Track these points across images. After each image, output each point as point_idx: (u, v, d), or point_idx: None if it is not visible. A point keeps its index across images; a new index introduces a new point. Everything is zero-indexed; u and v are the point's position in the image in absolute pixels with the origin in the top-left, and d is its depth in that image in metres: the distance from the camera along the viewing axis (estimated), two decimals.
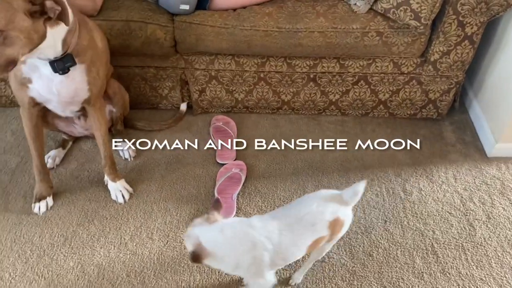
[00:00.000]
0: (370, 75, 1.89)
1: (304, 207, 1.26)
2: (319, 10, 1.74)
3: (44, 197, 1.64)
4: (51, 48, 1.23)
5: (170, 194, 1.71)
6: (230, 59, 1.87)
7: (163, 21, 1.74)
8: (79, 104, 1.48)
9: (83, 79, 1.37)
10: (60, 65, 1.28)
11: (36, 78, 1.34)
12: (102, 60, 1.46)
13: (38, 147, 1.58)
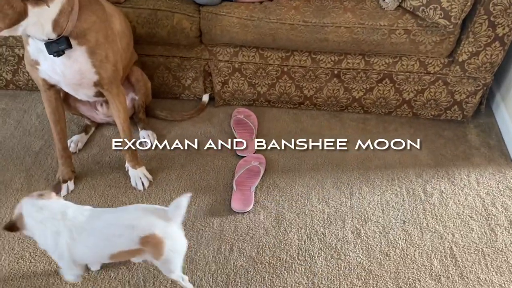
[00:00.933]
0: (395, 74, 1.87)
1: (120, 216, 1.26)
2: (346, 5, 1.72)
3: (65, 180, 1.66)
4: (37, 28, 1.22)
5: (189, 184, 1.72)
6: (255, 52, 1.87)
7: (190, 11, 1.75)
8: (90, 86, 1.47)
9: (86, 61, 1.36)
10: (54, 47, 1.27)
11: (42, 59, 1.36)
12: (115, 44, 1.45)
13: (60, 131, 1.61)
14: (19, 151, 1.81)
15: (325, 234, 1.56)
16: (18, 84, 2.06)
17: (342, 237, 1.55)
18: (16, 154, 1.79)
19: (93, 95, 1.56)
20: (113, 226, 1.23)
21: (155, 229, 1.19)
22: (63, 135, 1.63)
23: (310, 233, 1.56)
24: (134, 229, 1.20)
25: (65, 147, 1.66)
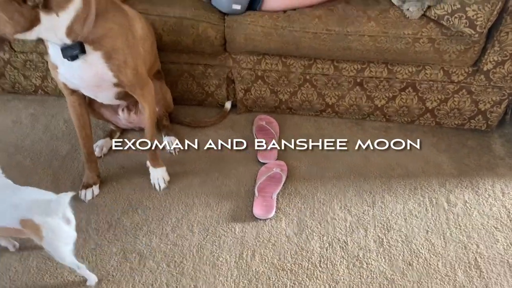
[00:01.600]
0: (418, 82, 1.86)
1: (9, 194, 1.30)
2: (370, 14, 1.72)
3: (91, 185, 1.70)
4: (50, 33, 1.25)
5: (211, 189, 1.74)
6: (277, 60, 1.89)
7: (215, 20, 1.78)
8: (110, 88, 1.49)
9: (102, 65, 1.38)
10: (68, 52, 1.31)
11: (60, 63, 1.39)
12: (136, 48, 1.47)
13: (85, 137, 1.65)
14: (47, 155, 1.86)
15: (347, 242, 1.56)
16: (46, 90, 2.12)
17: (364, 246, 1.55)
18: (44, 158, 1.84)
19: (114, 97, 1.58)
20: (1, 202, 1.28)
21: (33, 215, 1.24)
22: (88, 140, 1.67)
23: (332, 241, 1.56)
24: (16, 209, 1.26)
25: (91, 152, 1.70)
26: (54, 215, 1.25)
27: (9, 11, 1.14)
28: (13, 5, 1.13)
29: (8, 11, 1.13)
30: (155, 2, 1.79)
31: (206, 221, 1.62)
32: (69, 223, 1.29)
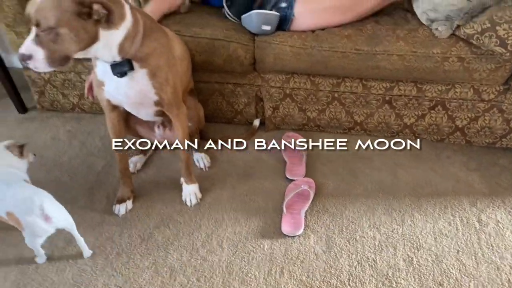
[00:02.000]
0: (448, 101, 1.86)
1: (4, 189, 1.46)
2: (399, 34, 1.74)
3: (125, 200, 1.75)
4: (106, 51, 1.32)
5: (240, 205, 1.77)
6: (306, 78, 1.92)
7: (245, 40, 1.83)
8: (151, 106, 1.55)
9: (147, 83, 1.44)
10: (117, 69, 1.38)
11: (108, 80, 1.46)
12: (175, 68, 1.53)
13: (122, 153, 1.71)
14: (83, 171, 1.93)
15: (376, 260, 1.55)
16: (83, 108, 2.21)
17: (393, 265, 1.54)
18: (80, 173, 1.91)
19: (154, 114, 1.64)
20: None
21: (15, 211, 1.41)
22: (124, 156, 1.73)
23: (361, 259, 1.56)
24: (4, 203, 1.43)
25: (126, 168, 1.76)
26: (31, 213, 1.39)
27: (75, 28, 1.21)
28: (79, 22, 1.21)
29: (74, 28, 1.20)
30: (188, 24, 1.86)
31: (235, 237, 1.64)
32: (47, 220, 1.41)
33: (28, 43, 1.21)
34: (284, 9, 1.81)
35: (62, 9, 1.17)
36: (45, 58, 1.21)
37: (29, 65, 1.23)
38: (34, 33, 1.20)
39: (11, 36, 1.95)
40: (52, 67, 1.24)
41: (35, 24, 1.19)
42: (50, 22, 1.17)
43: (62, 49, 1.22)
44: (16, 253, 1.59)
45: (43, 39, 1.20)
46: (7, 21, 1.88)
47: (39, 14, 1.17)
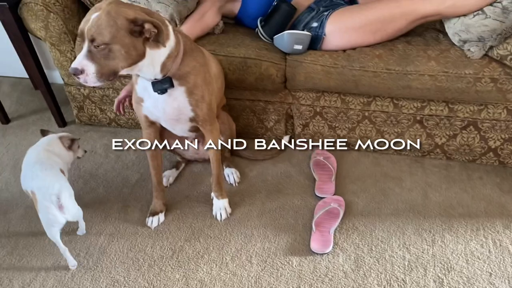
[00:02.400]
0: (480, 121, 1.84)
1: (38, 168, 1.60)
2: (430, 54, 1.75)
3: (157, 212, 1.81)
4: (149, 68, 1.38)
5: (269, 221, 1.79)
6: (336, 97, 1.94)
7: (277, 59, 1.87)
8: (187, 122, 1.61)
9: (184, 100, 1.50)
10: (158, 86, 1.44)
11: (147, 97, 1.53)
12: (211, 85, 1.58)
13: (156, 166, 1.76)
14: (118, 183, 2.00)
15: (405, 281, 1.54)
16: (119, 123, 2.29)
17: (423, 285, 1.52)
18: (115, 186, 1.98)
19: (188, 129, 1.70)
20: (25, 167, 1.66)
21: (36, 191, 1.53)
22: (158, 170, 1.78)
23: (390, 279, 1.55)
24: (32, 180, 1.57)
25: (160, 182, 1.81)
26: (48, 198, 1.49)
27: (127, 45, 1.27)
28: (131, 39, 1.27)
29: (126, 45, 1.27)
30: (223, 44, 1.92)
31: (264, 253, 1.66)
32: (61, 209, 1.50)
33: (80, 58, 1.26)
34: (315, 29, 1.85)
35: (117, 26, 1.24)
36: (95, 72, 1.27)
37: (79, 79, 1.28)
38: (86, 49, 1.26)
39: (55, 54, 2.05)
40: (100, 82, 1.30)
41: (90, 40, 1.24)
42: (105, 38, 1.23)
43: (112, 65, 1.29)
44: (53, 261, 1.66)
45: (96, 54, 1.26)
46: (52, 40, 1.99)
47: (95, 30, 1.23)
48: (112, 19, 1.23)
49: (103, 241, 1.73)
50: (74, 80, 1.31)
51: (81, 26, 1.26)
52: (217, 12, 1.99)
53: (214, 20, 1.99)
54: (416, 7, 1.69)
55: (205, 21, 1.95)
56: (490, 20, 1.61)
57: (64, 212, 1.52)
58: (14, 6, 1.92)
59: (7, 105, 2.52)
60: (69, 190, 1.56)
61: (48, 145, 1.73)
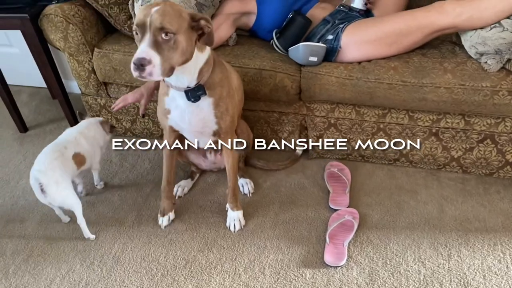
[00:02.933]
0: (497, 134, 1.82)
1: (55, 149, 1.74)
2: (446, 66, 1.74)
3: (167, 211, 1.83)
4: (190, 71, 1.39)
5: (282, 233, 1.78)
6: (351, 109, 1.94)
7: (292, 71, 1.88)
8: (209, 135, 1.63)
9: (210, 112, 1.52)
10: (193, 94, 1.44)
11: (174, 108, 1.54)
12: (234, 98, 1.60)
13: (169, 165, 1.78)
14: (133, 192, 2.01)
15: None
16: (134, 132, 2.32)
17: None
18: (129, 195, 2.00)
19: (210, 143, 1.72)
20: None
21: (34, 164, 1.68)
22: (171, 169, 1.80)
23: None
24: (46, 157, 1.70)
25: (170, 182, 1.82)
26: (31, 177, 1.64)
27: (188, 38, 1.28)
28: (190, 33, 1.29)
29: (187, 38, 1.28)
30: (238, 55, 1.93)
31: (277, 265, 1.65)
32: (43, 192, 1.62)
33: (145, 48, 1.20)
34: (330, 41, 1.85)
35: (182, 18, 1.26)
36: (161, 64, 1.22)
37: (143, 72, 1.20)
38: (150, 39, 1.21)
39: (73, 65, 2.09)
40: (162, 76, 1.25)
41: (158, 28, 1.20)
42: (173, 27, 1.22)
43: (174, 58, 1.26)
44: (68, 269, 1.67)
45: (162, 45, 1.22)
46: (70, 50, 2.03)
47: (164, 19, 1.20)
48: (177, 12, 1.25)
49: (117, 250, 1.74)
50: (133, 74, 1.21)
51: (142, 18, 1.22)
52: (231, 25, 2.02)
53: (228, 32, 2.02)
54: (432, 20, 1.69)
55: (219, 34, 1.98)
56: (508, 32, 1.60)
57: (47, 196, 1.63)
58: (34, 17, 1.97)
59: (25, 114, 2.57)
60: (55, 178, 1.64)
61: (87, 128, 1.88)
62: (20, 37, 2.37)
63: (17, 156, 2.28)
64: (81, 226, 1.76)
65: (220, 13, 1.99)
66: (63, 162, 1.71)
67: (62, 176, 1.67)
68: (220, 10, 2.00)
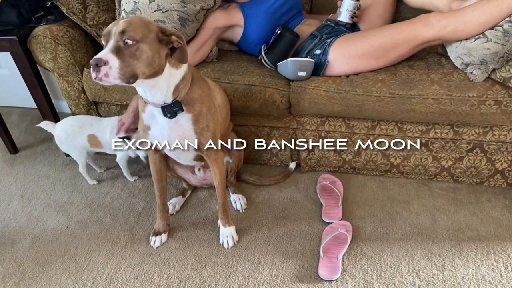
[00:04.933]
0: (486, 143, 1.84)
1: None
2: (433, 77, 1.76)
3: (161, 232, 1.82)
4: (164, 87, 1.39)
5: (276, 248, 1.78)
6: (341, 122, 1.95)
7: (281, 85, 1.89)
8: (192, 151, 1.62)
9: (189, 127, 1.51)
10: (169, 109, 1.45)
11: (154, 125, 1.54)
12: (216, 115, 1.60)
13: (161, 189, 1.78)
14: (124, 211, 2.00)
15: None
16: None
17: None
18: (122, 214, 1.98)
19: (193, 159, 1.72)
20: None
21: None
22: (163, 192, 1.79)
23: None
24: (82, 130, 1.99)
25: (164, 203, 1.82)
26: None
27: (154, 49, 1.29)
28: (158, 45, 1.30)
29: (153, 48, 1.28)
30: (227, 71, 1.95)
31: (272, 280, 1.64)
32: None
33: (106, 51, 1.24)
34: (318, 56, 1.87)
35: (149, 28, 1.28)
36: (118, 68, 1.23)
37: (99, 73, 1.22)
38: (113, 44, 1.24)
39: (63, 85, 2.09)
40: (120, 80, 1.26)
41: (120, 33, 1.23)
42: (137, 35, 1.24)
43: (136, 66, 1.27)
44: None
45: (123, 51, 1.24)
46: (60, 71, 2.03)
47: (128, 26, 1.24)
48: (144, 22, 1.28)
49: (110, 270, 1.72)
50: (91, 80, 1.24)
51: (109, 27, 1.27)
52: (215, 39, 2.04)
53: (211, 47, 2.04)
54: (418, 32, 1.72)
55: (203, 51, 2.00)
56: (492, 43, 1.62)
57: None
58: (23, 39, 1.97)
59: (15, 135, 2.56)
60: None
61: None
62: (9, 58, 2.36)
63: (8, 178, 2.26)
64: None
65: (206, 27, 2.00)
66: (78, 133, 1.98)
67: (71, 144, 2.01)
68: (205, 24, 2.00)
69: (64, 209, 2.03)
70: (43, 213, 2.01)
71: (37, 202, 2.08)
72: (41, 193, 2.14)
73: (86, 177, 2.16)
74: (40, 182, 2.21)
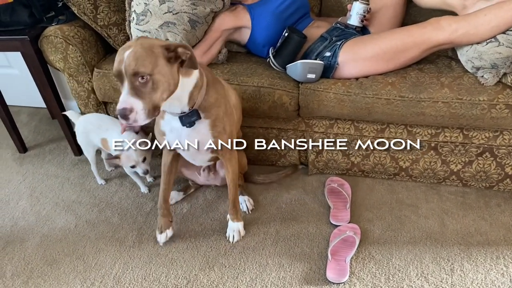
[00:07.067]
0: (496, 147, 1.83)
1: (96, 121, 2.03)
2: (443, 81, 1.75)
3: (165, 229, 1.82)
4: (179, 99, 1.37)
5: (284, 250, 1.77)
6: (350, 124, 1.95)
7: (290, 87, 1.89)
8: (207, 153, 1.63)
9: (207, 133, 1.52)
10: (187, 119, 1.44)
11: (168, 131, 1.54)
12: (232, 116, 1.60)
13: (167, 182, 1.77)
14: (133, 211, 2.01)
15: None
16: None
17: None
18: (130, 214, 1.99)
19: (208, 160, 1.73)
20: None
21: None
22: (168, 186, 1.79)
23: None
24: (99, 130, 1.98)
25: (166, 199, 1.81)
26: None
27: (167, 74, 1.25)
28: (168, 67, 1.26)
29: (166, 73, 1.25)
30: (236, 73, 1.95)
31: (279, 282, 1.64)
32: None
33: (125, 97, 1.21)
34: (328, 58, 1.87)
35: (155, 55, 1.23)
36: (143, 109, 1.22)
37: (129, 120, 1.21)
38: (129, 86, 1.22)
39: (73, 85, 2.10)
40: (149, 119, 1.24)
41: (132, 74, 1.20)
42: (148, 69, 1.20)
43: (157, 98, 1.25)
44: None
45: (140, 89, 1.22)
46: (70, 71, 2.04)
47: (136, 63, 1.20)
48: (148, 50, 1.22)
49: (118, 270, 1.72)
50: (121, 123, 1.23)
51: (116, 67, 1.23)
52: (223, 41, 2.05)
53: (219, 49, 2.05)
54: (428, 36, 1.71)
55: (212, 52, 2.01)
56: (503, 47, 1.62)
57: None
58: (34, 39, 1.99)
59: (24, 134, 2.58)
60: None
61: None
62: (20, 58, 2.39)
63: (17, 177, 2.28)
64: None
65: (214, 29, 2.01)
66: (93, 132, 2.00)
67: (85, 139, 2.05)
68: (213, 26, 2.01)
69: (72, 208, 2.04)
70: (52, 212, 2.02)
71: (46, 201, 2.10)
72: (50, 192, 2.15)
73: (96, 176, 2.17)
74: (48, 181, 2.22)
